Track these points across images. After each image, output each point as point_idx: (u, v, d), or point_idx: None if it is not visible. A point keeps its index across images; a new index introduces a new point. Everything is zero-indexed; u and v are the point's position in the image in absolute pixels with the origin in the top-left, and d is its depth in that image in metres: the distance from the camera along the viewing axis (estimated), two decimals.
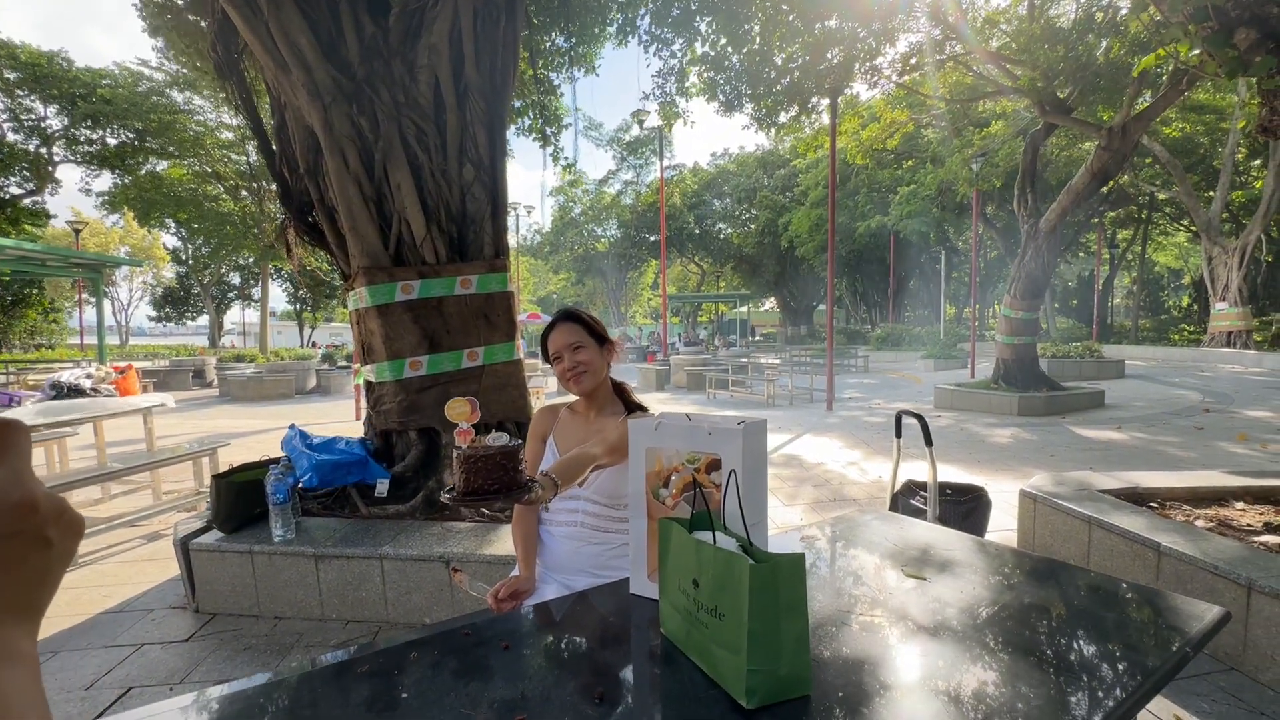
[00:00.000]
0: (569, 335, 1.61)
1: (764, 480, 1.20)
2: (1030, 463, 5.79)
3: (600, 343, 1.64)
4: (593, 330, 1.64)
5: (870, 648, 1.05)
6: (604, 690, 0.94)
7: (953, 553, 1.49)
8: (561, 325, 1.64)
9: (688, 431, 1.21)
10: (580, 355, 1.60)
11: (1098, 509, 3.04)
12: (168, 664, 2.54)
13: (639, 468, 1.27)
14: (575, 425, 1.67)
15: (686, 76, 7.44)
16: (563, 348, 1.61)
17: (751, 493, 1.14)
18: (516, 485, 1.11)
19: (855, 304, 38.37)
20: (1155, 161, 19.12)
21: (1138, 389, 11.58)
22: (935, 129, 17.53)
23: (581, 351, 1.60)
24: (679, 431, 1.22)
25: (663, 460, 1.24)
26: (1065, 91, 8.59)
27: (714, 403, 11.42)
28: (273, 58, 3.39)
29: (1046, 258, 9.25)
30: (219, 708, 0.95)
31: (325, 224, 3.73)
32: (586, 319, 1.66)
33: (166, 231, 29.89)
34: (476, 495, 1.08)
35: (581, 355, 1.60)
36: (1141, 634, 1.12)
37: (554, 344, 1.63)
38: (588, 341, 1.61)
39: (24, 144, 19.43)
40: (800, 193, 28.21)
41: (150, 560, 3.69)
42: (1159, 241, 29.51)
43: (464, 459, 1.10)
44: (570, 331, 1.62)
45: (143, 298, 41.92)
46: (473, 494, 1.08)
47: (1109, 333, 25.43)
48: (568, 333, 1.62)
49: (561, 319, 1.66)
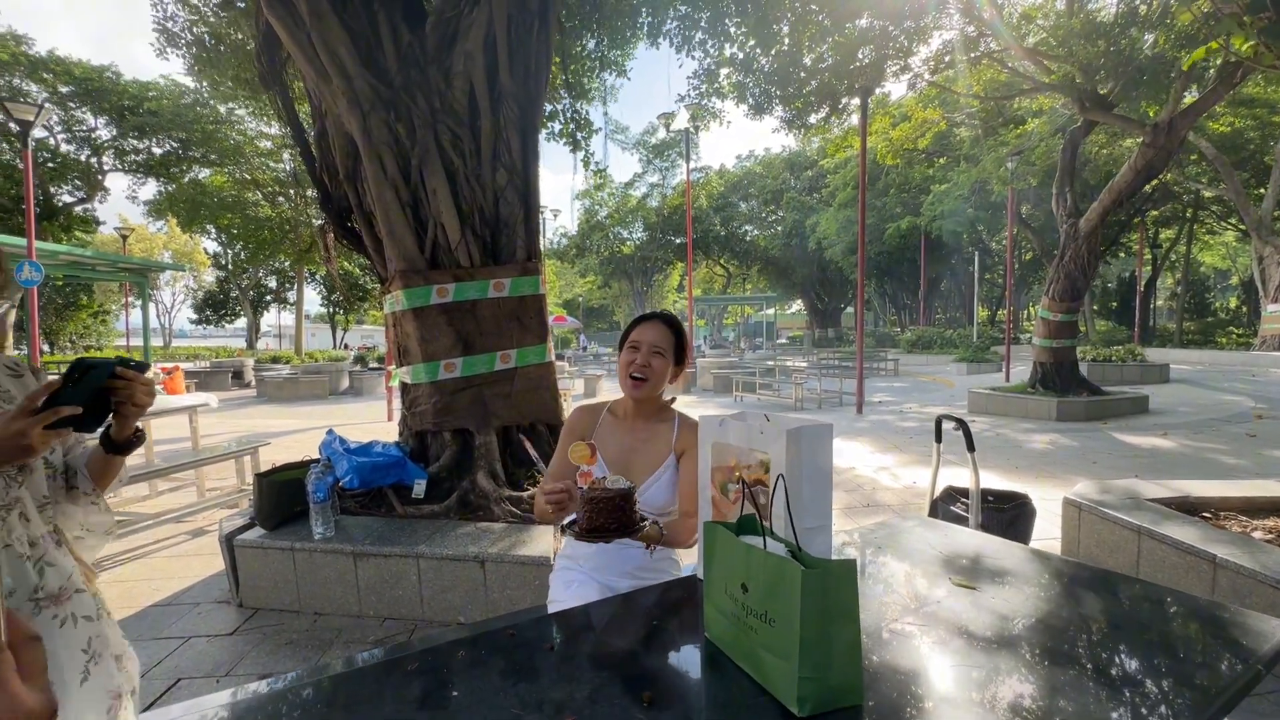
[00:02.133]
0: (658, 336, 1.58)
1: (826, 485, 1.17)
2: (1071, 470, 5.61)
3: (678, 360, 1.62)
4: (680, 346, 1.62)
5: (921, 659, 1.03)
6: (652, 694, 0.94)
7: (1002, 561, 1.45)
8: (657, 324, 1.61)
9: (746, 430, 1.21)
10: (655, 361, 1.57)
11: (1147, 518, 2.93)
12: (214, 656, 2.62)
13: (705, 462, 1.29)
14: (618, 431, 1.64)
15: (716, 78, 7.42)
16: (645, 344, 1.58)
17: (813, 498, 1.13)
18: (633, 524, 1.25)
19: (884, 306, 37.78)
20: (1202, 158, 18.41)
21: (1184, 394, 11.15)
22: (969, 127, 17.17)
23: (657, 358, 1.57)
24: (740, 430, 1.23)
25: (736, 458, 1.24)
26: (1106, 87, 8.34)
27: (741, 406, 11.34)
28: (314, 67, 3.49)
29: (1086, 258, 8.98)
30: (269, 701, 0.97)
31: (363, 229, 3.82)
32: (681, 334, 1.64)
33: (207, 237, 30.92)
34: (598, 532, 1.23)
35: (656, 361, 1.57)
36: (1210, 650, 1.07)
37: (640, 335, 1.59)
38: (668, 353, 1.59)
39: (76, 154, 20.30)
40: (828, 193, 27.90)
41: (195, 555, 3.81)
42: (1205, 241, 28.44)
43: (588, 500, 1.24)
44: (662, 335, 1.59)
45: (185, 301, 43.42)
46: (595, 531, 1.23)
47: (1151, 336, 24.57)
48: (658, 334, 1.59)
49: (661, 319, 1.63)
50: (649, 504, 1.54)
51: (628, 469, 1.56)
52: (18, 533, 1.02)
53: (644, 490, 1.54)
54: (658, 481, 1.55)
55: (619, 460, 1.58)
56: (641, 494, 1.54)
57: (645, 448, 1.60)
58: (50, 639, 1.01)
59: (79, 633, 1.06)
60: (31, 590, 1.02)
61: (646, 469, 1.57)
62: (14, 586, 1.01)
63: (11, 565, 1.01)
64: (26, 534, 1.04)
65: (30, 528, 1.05)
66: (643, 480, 1.55)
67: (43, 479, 1.08)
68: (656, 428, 1.62)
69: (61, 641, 1.02)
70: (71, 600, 1.07)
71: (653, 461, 1.58)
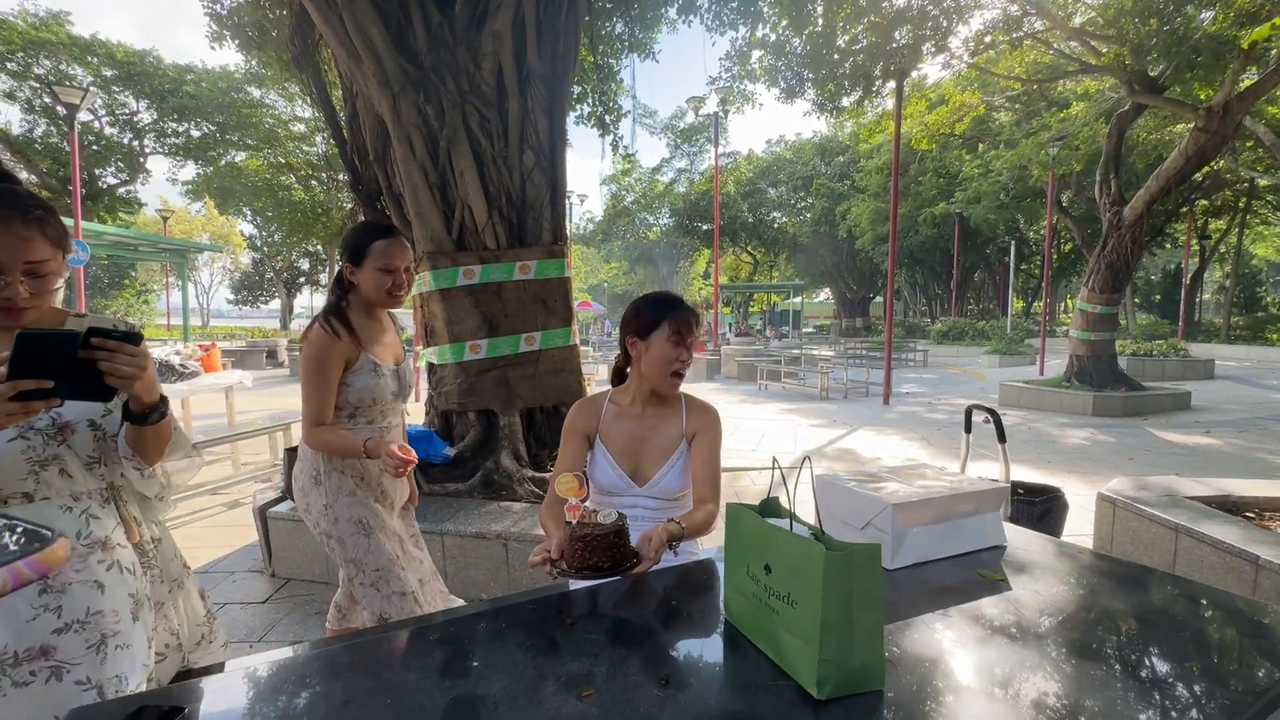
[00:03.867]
0: (695, 329, 1.53)
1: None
2: (1106, 465, 5.46)
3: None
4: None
5: (944, 648, 1.01)
6: (669, 673, 0.94)
7: (1031, 554, 1.41)
8: (692, 320, 1.54)
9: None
10: (688, 357, 1.52)
11: (1186, 516, 2.83)
12: (247, 623, 2.72)
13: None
14: (626, 423, 1.57)
15: (748, 60, 7.29)
16: (688, 341, 1.51)
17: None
18: (625, 561, 1.19)
19: (914, 296, 37.00)
20: (1258, 144, 17.48)
21: (1229, 391, 10.73)
22: (1009, 111, 16.58)
23: (688, 353, 1.52)
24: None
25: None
26: (1157, 69, 7.97)
27: (765, 394, 11.26)
28: (345, 49, 3.51)
29: (1130, 248, 8.65)
30: (300, 664, 1.00)
31: (392, 210, 3.85)
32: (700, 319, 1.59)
33: (243, 219, 31.65)
34: (589, 570, 1.17)
35: (688, 357, 1.52)
36: (1248, 652, 1.03)
37: (684, 330, 1.52)
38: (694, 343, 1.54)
39: (119, 137, 20.89)
40: (861, 180, 27.30)
41: (231, 526, 3.95)
42: (1259, 231, 27.13)
43: (578, 537, 1.18)
44: (693, 329, 1.53)
45: (222, 281, 44.65)
46: (586, 569, 1.17)
47: (1196, 330, 23.60)
48: (694, 327, 1.53)
49: (693, 314, 1.55)
50: (662, 492, 1.53)
51: (638, 459, 1.53)
52: (57, 486, 1.09)
53: (656, 481, 1.52)
54: (671, 469, 1.53)
55: (629, 451, 1.54)
56: (655, 484, 1.52)
57: (655, 436, 1.56)
58: (103, 575, 1.11)
59: (125, 580, 1.14)
60: (77, 537, 1.10)
61: (659, 458, 1.54)
62: (63, 530, 1.07)
63: (55, 515, 1.08)
64: (69, 489, 1.10)
65: (73, 484, 1.11)
66: (655, 470, 1.53)
67: (88, 438, 1.12)
68: (664, 413, 1.57)
69: (110, 584, 1.11)
70: (117, 550, 1.13)
71: (665, 449, 1.55)
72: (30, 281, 1.02)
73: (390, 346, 1.81)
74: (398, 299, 1.71)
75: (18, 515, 0.97)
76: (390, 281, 1.66)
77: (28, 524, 0.92)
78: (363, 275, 1.66)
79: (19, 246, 1.00)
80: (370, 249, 1.64)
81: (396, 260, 1.66)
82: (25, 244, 1.00)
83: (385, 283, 1.66)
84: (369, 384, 1.69)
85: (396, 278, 1.67)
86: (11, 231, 0.99)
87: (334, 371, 1.63)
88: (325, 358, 1.62)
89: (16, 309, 1.02)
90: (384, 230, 1.69)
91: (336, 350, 1.63)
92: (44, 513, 1.07)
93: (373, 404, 1.73)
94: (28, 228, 1.01)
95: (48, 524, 0.97)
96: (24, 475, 1.05)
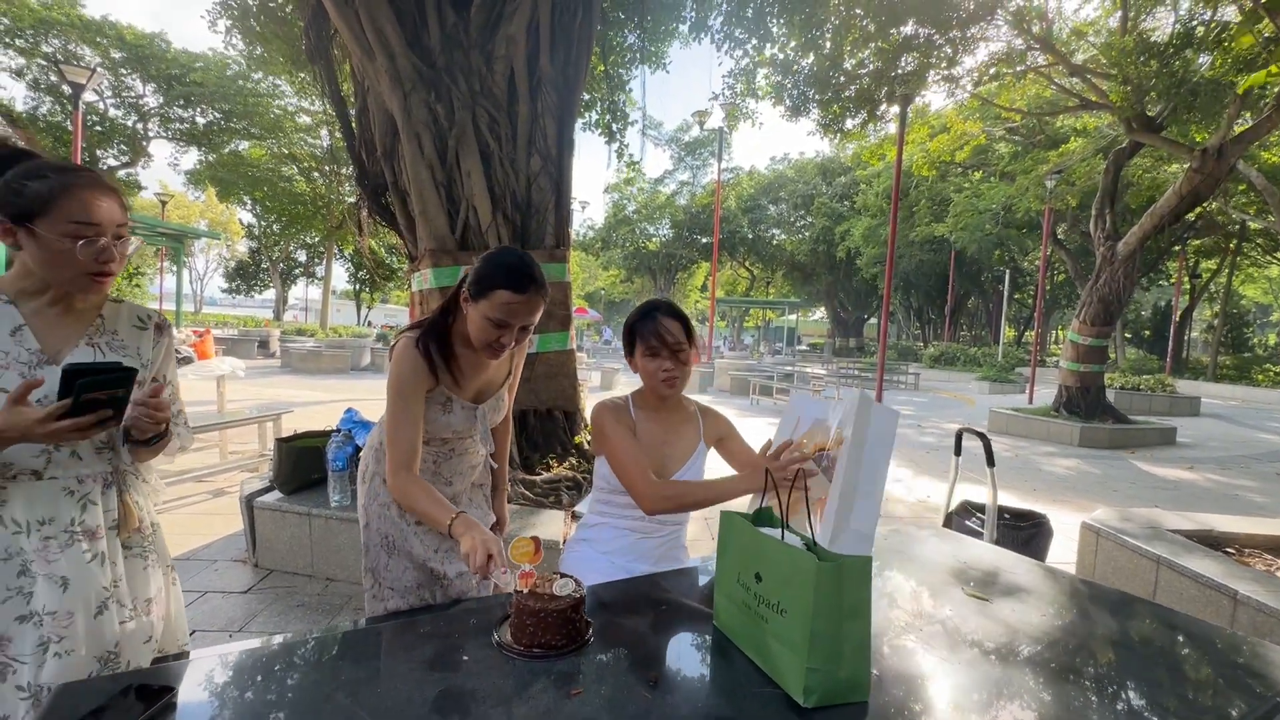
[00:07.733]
0: (677, 331, 1.47)
1: (885, 455, 1.15)
2: (1090, 495, 5.50)
3: (691, 344, 1.51)
4: (689, 330, 1.51)
5: (928, 664, 1.02)
6: (657, 675, 0.95)
7: (1017, 576, 1.43)
8: (671, 321, 1.48)
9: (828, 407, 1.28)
10: (681, 360, 1.48)
11: (1167, 549, 2.87)
12: (228, 612, 2.69)
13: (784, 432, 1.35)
14: (651, 426, 1.57)
15: (754, 77, 7.38)
16: (667, 347, 1.47)
17: (871, 462, 1.13)
18: (581, 637, 1.04)
19: (909, 319, 37.26)
20: (1250, 188, 17.82)
21: (1214, 428, 10.86)
22: (1009, 142, 16.83)
23: (682, 356, 1.48)
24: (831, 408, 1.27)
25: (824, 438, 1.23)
26: (1156, 109, 8.12)
27: (757, 409, 11.29)
28: (360, 44, 3.54)
29: (1122, 283, 8.77)
30: (280, 655, 1.00)
31: (397, 206, 3.87)
32: (687, 319, 1.52)
33: (243, 208, 31.53)
34: (538, 649, 1.00)
35: (682, 362, 1.48)
36: (1226, 679, 1.05)
37: (660, 336, 1.46)
38: (686, 345, 1.48)
39: (123, 119, 20.80)
40: (861, 203, 27.55)
41: (215, 515, 3.91)
42: (1248, 273, 27.55)
43: (532, 612, 1.00)
44: (678, 329, 1.48)
45: (217, 269, 44.34)
46: (535, 648, 1.00)
47: (1184, 367, 23.89)
48: (676, 329, 1.47)
49: (666, 313, 1.49)
50: None
51: (662, 458, 1.55)
52: (66, 466, 1.09)
53: (678, 476, 1.56)
54: (691, 468, 1.58)
55: (655, 450, 1.55)
56: (676, 477, 1.56)
57: (676, 439, 1.59)
58: (77, 569, 1.09)
59: (104, 571, 1.12)
60: (68, 523, 1.09)
61: (681, 457, 1.58)
62: (53, 516, 1.07)
63: (55, 498, 1.08)
64: (76, 471, 1.10)
65: (81, 466, 1.11)
66: (677, 468, 1.56)
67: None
68: (680, 418, 1.61)
69: (79, 579, 1.09)
70: (104, 540, 1.12)
71: (686, 450, 1.59)
72: (116, 245, 1.07)
73: (486, 383, 1.56)
74: (497, 354, 1.41)
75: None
76: (498, 337, 1.36)
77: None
78: (474, 312, 1.36)
79: (114, 210, 1.06)
80: (494, 295, 1.33)
81: (518, 319, 1.36)
82: (117, 208, 1.07)
83: (491, 336, 1.36)
84: (434, 418, 1.47)
85: (506, 336, 1.37)
86: (108, 195, 1.05)
87: (417, 397, 1.40)
88: (408, 378, 1.38)
89: (106, 276, 1.08)
90: (520, 280, 1.34)
91: (421, 372, 1.39)
92: (47, 496, 1.07)
93: (443, 441, 1.55)
94: (114, 194, 1.07)
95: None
96: (37, 453, 1.06)
